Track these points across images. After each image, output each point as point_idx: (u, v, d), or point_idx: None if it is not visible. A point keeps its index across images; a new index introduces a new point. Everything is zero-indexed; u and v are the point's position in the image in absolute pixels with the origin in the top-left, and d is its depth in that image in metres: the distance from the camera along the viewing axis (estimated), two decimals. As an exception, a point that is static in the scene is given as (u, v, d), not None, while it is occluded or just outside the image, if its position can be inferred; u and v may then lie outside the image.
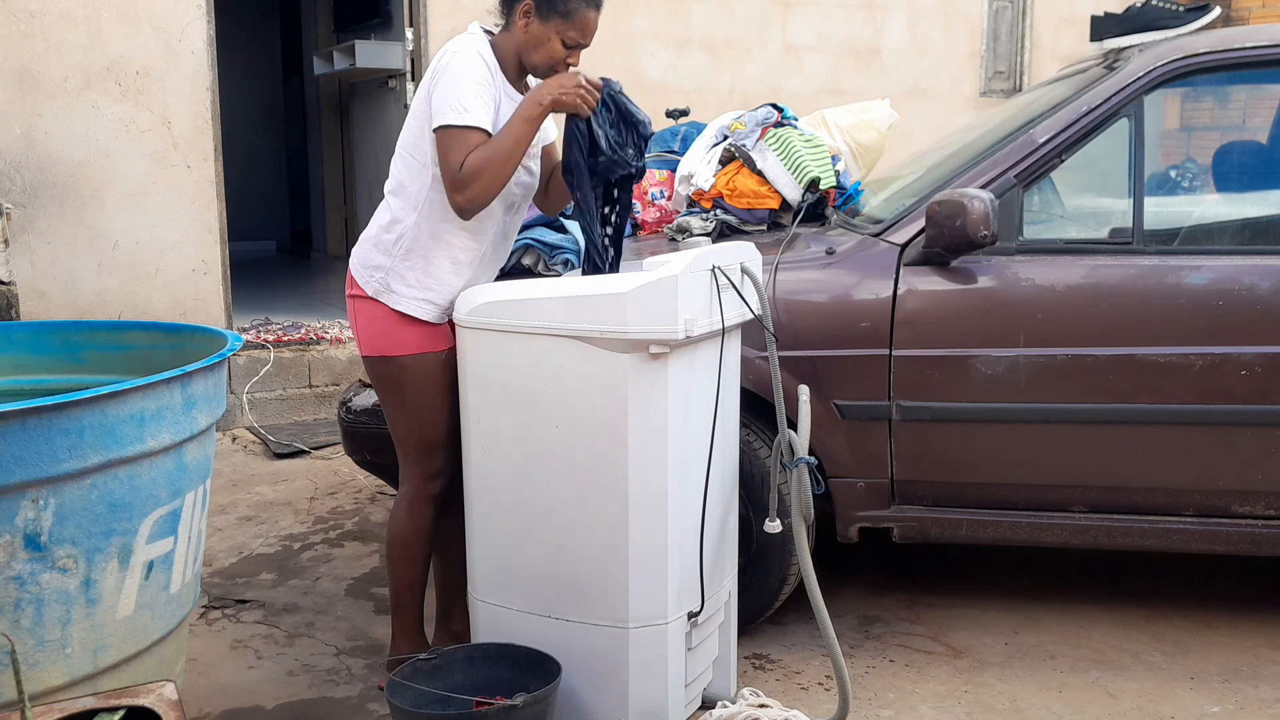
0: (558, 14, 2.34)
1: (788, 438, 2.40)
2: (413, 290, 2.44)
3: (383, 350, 2.48)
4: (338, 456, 4.58)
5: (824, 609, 2.39)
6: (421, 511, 2.55)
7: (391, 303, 2.45)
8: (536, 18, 2.35)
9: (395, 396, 2.52)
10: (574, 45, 2.38)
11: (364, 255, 2.50)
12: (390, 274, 2.45)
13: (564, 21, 2.34)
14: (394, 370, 2.48)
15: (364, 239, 2.53)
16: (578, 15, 2.34)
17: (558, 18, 2.34)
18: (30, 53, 4.65)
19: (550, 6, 2.34)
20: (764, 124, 3.47)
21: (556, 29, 2.35)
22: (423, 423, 2.50)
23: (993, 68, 7.30)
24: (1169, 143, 4.13)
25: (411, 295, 2.44)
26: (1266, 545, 2.80)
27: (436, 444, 2.52)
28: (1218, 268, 2.75)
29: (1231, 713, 2.60)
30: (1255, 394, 2.72)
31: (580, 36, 2.37)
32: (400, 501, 2.57)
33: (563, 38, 2.36)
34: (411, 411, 2.50)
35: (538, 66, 2.42)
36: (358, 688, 2.69)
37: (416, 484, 2.54)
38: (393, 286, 2.45)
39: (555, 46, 2.37)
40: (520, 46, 2.40)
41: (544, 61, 2.39)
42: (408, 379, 2.48)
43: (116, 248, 4.91)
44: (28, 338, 2.72)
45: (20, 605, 1.90)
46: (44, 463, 1.86)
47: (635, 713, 2.30)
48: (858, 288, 2.83)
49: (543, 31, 2.36)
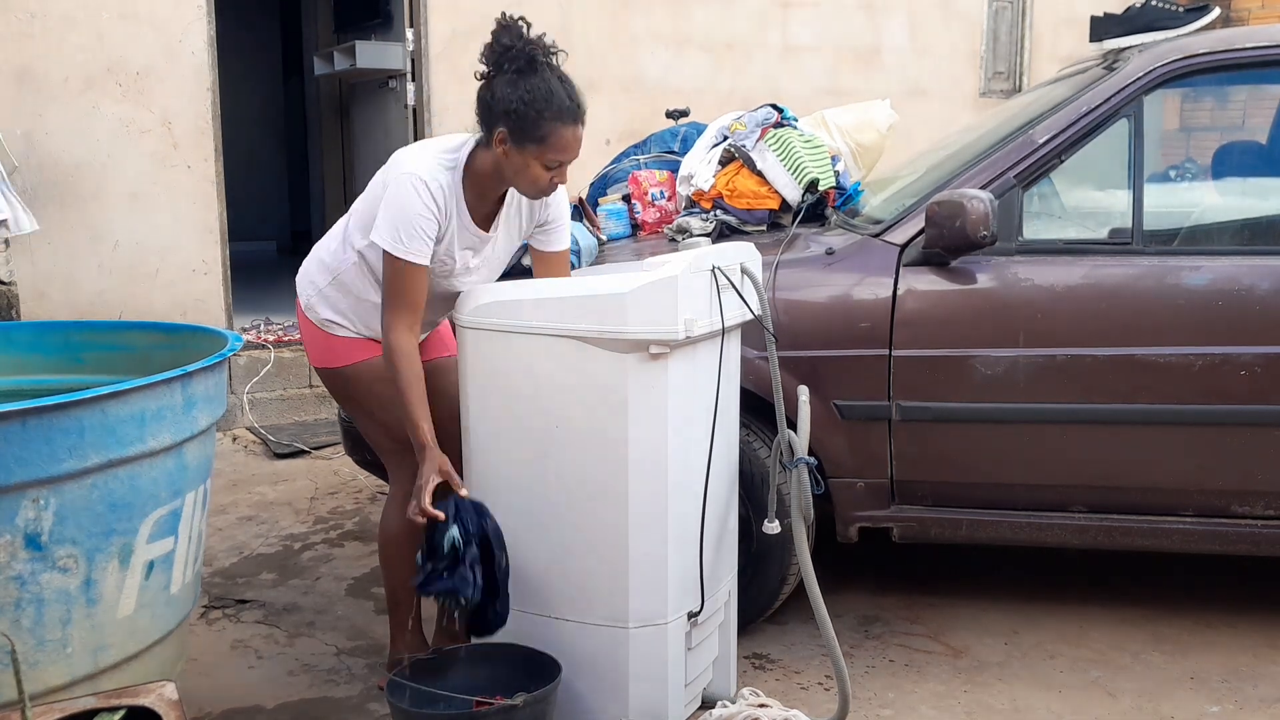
0: (533, 141, 2.21)
1: (787, 438, 2.40)
2: (335, 316, 2.49)
3: (327, 362, 2.54)
4: (338, 456, 4.59)
5: (824, 609, 2.39)
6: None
7: (315, 321, 2.51)
8: (513, 146, 2.23)
9: (352, 404, 2.58)
10: (555, 166, 2.26)
11: (305, 270, 2.55)
12: (320, 294, 2.49)
13: (540, 147, 2.22)
14: (341, 380, 2.54)
15: (312, 252, 2.57)
16: (554, 139, 2.21)
17: (533, 145, 2.22)
18: (31, 53, 4.65)
19: (524, 135, 2.21)
20: (764, 124, 3.47)
21: (534, 155, 2.23)
22: (386, 423, 2.52)
23: (992, 68, 7.30)
24: (1169, 143, 4.13)
25: (331, 319, 2.49)
26: (1266, 545, 2.81)
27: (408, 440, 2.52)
28: (1217, 268, 2.75)
29: (1231, 712, 2.60)
30: (1254, 394, 2.72)
31: (560, 156, 2.25)
32: (390, 501, 2.59)
33: (542, 162, 2.24)
34: (372, 414, 2.55)
35: (525, 191, 2.34)
36: (358, 687, 2.70)
37: (403, 481, 2.55)
38: (315, 307, 2.50)
39: (537, 171, 2.25)
40: (500, 168, 2.29)
41: (528, 187, 2.31)
42: (355, 387, 2.53)
43: (117, 248, 4.91)
44: (29, 338, 2.73)
45: (21, 605, 1.90)
46: (45, 462, 1.87)
47: (635, 712, 2.30)
48: (857, 288, 2.83)
49: (521, 159, 2.24)
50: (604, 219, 3.69)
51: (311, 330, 2.54)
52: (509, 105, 2.20)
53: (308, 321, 2.54)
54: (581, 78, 2.49)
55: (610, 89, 6.04)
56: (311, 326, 2.53)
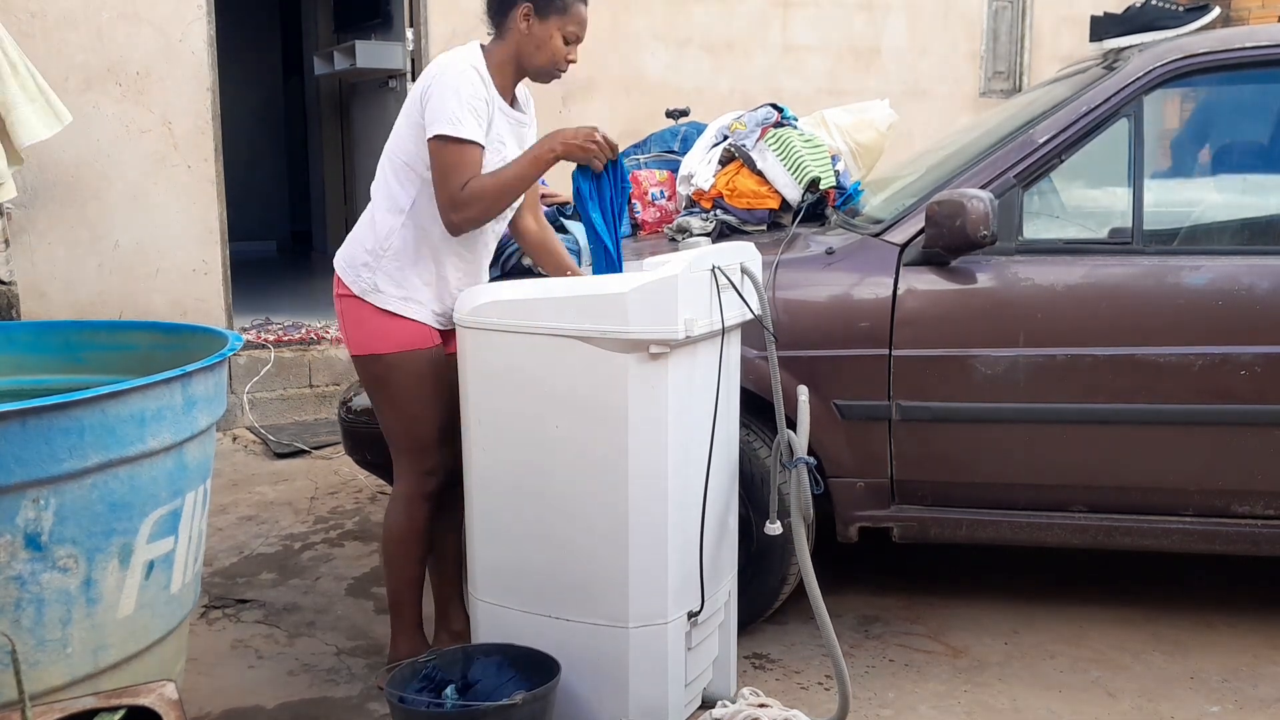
0: (555, 10, 2.40)
1: (787, 438, 2.40)
2: (400, 290, 2.47)
3: (371, 349, 2.50)
4: (338, 456, 4.58)
5: (824, 609, 2.39)
6: (417, 510, 2.55)
7: (378, 302, 2.47)
8: (536, 18, 2.40)
9: (385, 395, 2.54)
10: (573, 40, 2.44)
11: (351, 255, 2.52)
12: (377, 273, 2.47)
13: (562, 17, 2.41)
14: (382, 368, 2.50)
15: (350, 240, 2.55)
16: (574, 9, 2.42)
17: (556, 14, 2.40)
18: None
19: (548, 4, 2.39)
20: (764, 124, 3.47)
21: (557, 25, 2.41)
22: (413, 420, 2.51)
23: (992, 68, 7.30)
24: (1168, 143, 4.12)
25: (398, 295, 2.47)
26: (1266, 545, 2.81)
27: (429, 442, 2.52)
28: (1217, 268, 2.75)
29: (1231, 712, 2.60)
30: (1255, 394, 2.72)
31: (579, 30, 2.44)
32: (395, 500, 2.58)
33: (563, 33, 2.42)
34: (401, 409, 2.52)
35: (541, 67, 2.45)
36: (358, 687, 2.70)
37: (411, 482, 2.55)
38: (380, 286, 2.47)
39: (557, 44, 2.42)
40: (520, 49, 2.43)
41: (548, 61, 2.44)
42: (396, 377, 2.50)
43: (117, 248, 4.91)
44: (28, 338, 2.73)
45: (21, 605, 1.90)
46: (44, 462, 1.87)
47: (635, 712, 2.30)
48: (857, 288, 2.83)
49: (544, 30, 2.41)
50: (604, 219, 3.68)
51: (364, 314, 2.48)
52: None
53: (357, 306, 2.49)
54: (581, 77, 2.51)
55: (610, 88, 6.04)
56: (365, 309, 2.48)
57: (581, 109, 5.96)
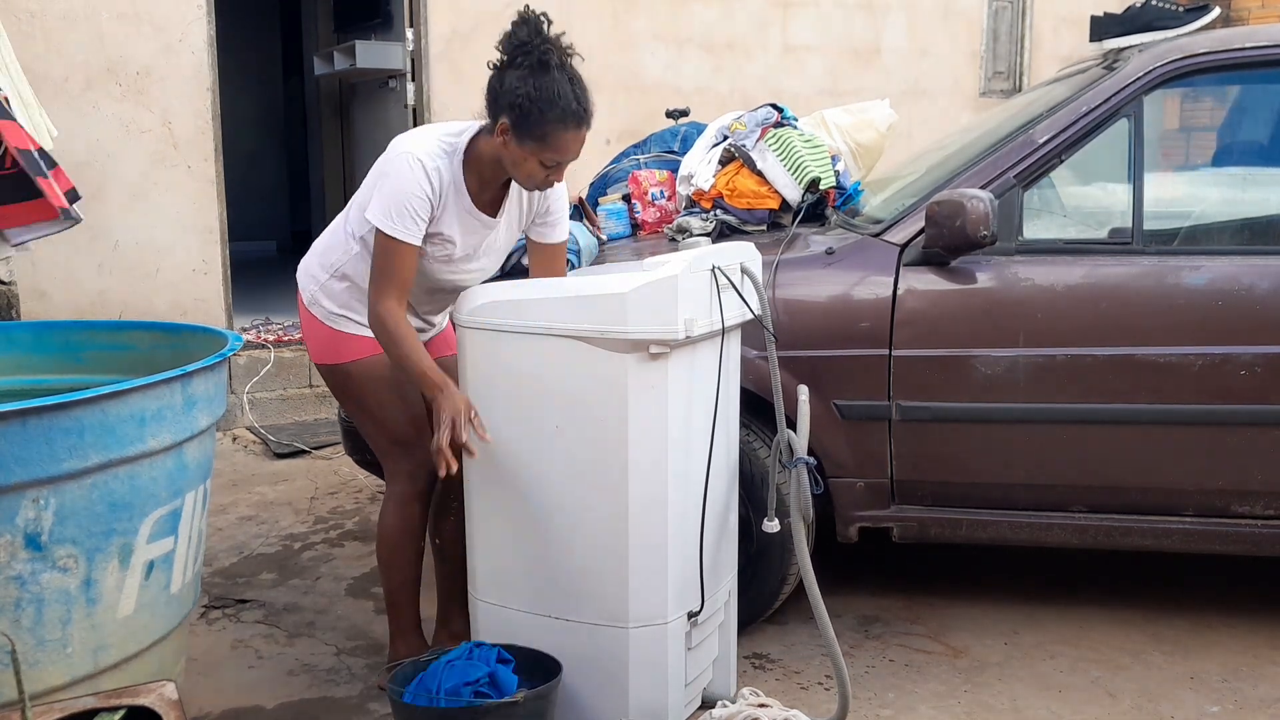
0: (532, 139, 2.22)
1: (787, 438, 2.40)
2: (338, 309, 2.49)
3: (328, 358, 2.53)
4: (338, 456, 4.59)
5: (823, 609, 2.39)
6: (408, 510, 2.56)
7: (319, 315, 2.50)
8: (513, 139, 2.24)
9: (351, 401, 2.58)
10: (552, 165, 2.28)
11: (306, 265, 2.56)
12: (322, 289, 2.49)
13: (539, 145, 2.23)
14: (341, 377, 2.54)
15: (312, 248, 2.57)
16: (554, 139, 2.23)
17: (533, 142, 2.23)
18: (31, 53, 4.64)
19: (526, 131, 2.22)
20: (764, 124, 3.47)
21: (533, 151, 2.24)
22: (384, 422, 2.53)
23: (992, 68, 7.29)
24: (1168, 143, 4.13)
25: (336, 312, 2.49)
26: (1266, 545, 2.81)
27: (406, 441, 2.53)
28: (1217, 268, 2.75)
29: (1231, 713, 2.60)
30: (1254, 394, 2.72)
31: (558, 156, 2.26)
32: (387, 501, 2.59)
33: (540, 159, 2.26)
34: (370, 413, 2.55)
35: (522, 182, 2.35)
36: (358, 687, 2.70)
37: (400, 482, 2.56)
38: (320, 300, 2.50)
39: (533, 167, 2.27)
40: (500, 157, 2.31)
41: (525, 180, 2.32)
42: (355, 384, 2.52)
43: (117, 248, 4.91)
44: (29, 338, 2.73)
45: (21, 605, 1.90)
46: (45, 462, 1.87)
47: (635, 712, 2.30)
48: (857, 288, 2.83)
49: (520, 153, 2.25)
50: (604, 219, 3.69)
51: (314, 325, 2.54)
52: (515, 99, 2.20)
53: (310, 316, 2.54)
54: (582, 78, 2.48)
55: (610, 89, 6.03)
56: (314, 321, 2.53)
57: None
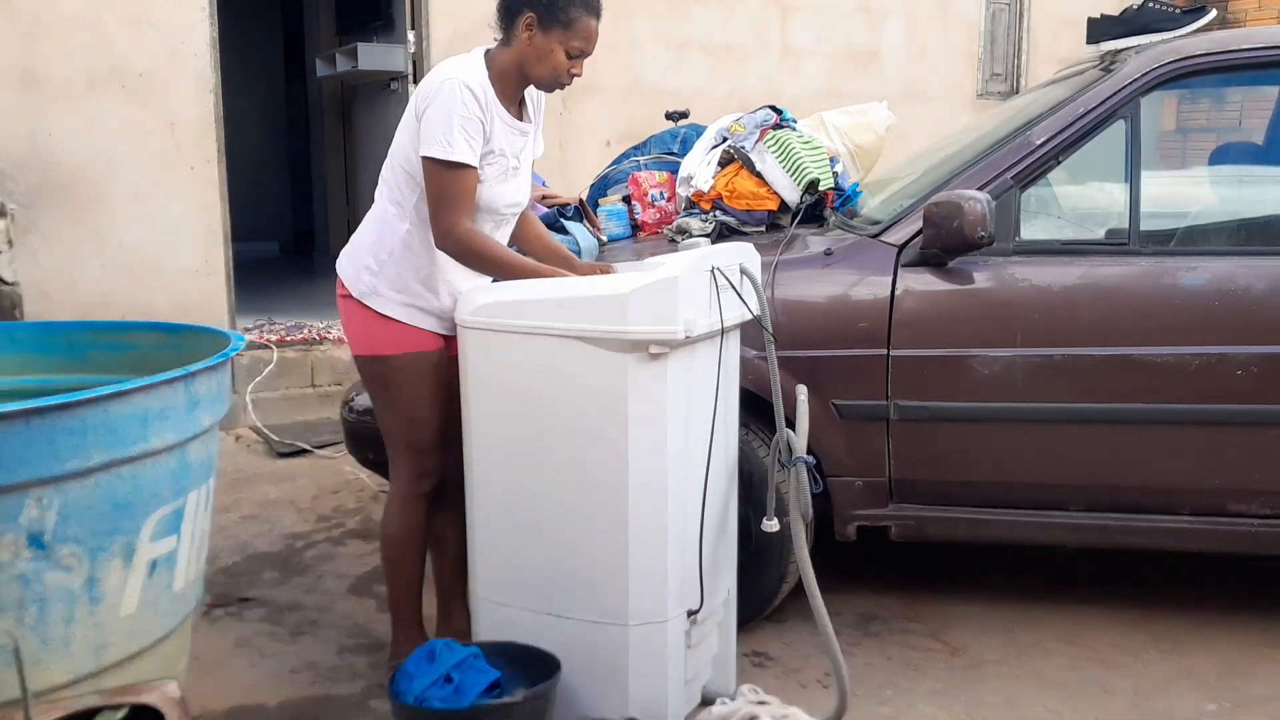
0: (559, 24, 2.35)
1: (786, 437, 2.42)
2: (401, 296, 2.47)
3: (374, 350, 2.51)
4: (340, 455, 4.59)
5: (822, 607, 2.40)
6: (414, 510, 2.57)
7: (377, 306, 2.47)
8: (539, 30, 2.36)
9: (385, 395, 2.55)
10: (577, 55, 2.40)
11: (353, 258, 2.53)
12: (378, 278, 2.47)
13: (566, 31, 2.36)
14: (385, 370, 2.51)
15: (353, 242, 2.56)
16: (579, 24, 2.36)
17: (560, 28, 2.35)
18: (35, 55, 4.66)
19: (552, 18, 2.35)
20: (763, 126, 3.49)
21: (559, 39, 2.36)
22: (412, 421, 2.52)
23: (990, 70, 7.31)
24: (1165, 144, 4.14)
25: (398, 300, 2.47)
26: (1263, 544, 2.82)
27: (427, 444, 2.54)
28: (1213, 268, 2.76)
29: (1228, 710, 2.61)
30: (1251, 394, 2.73)
31: (584, 45, 2.39)
32: (392, 501, 2.59)
33: (565, 48, 2.37)
34: (401, 410, 2.53)
35: (543, 78, 2.44)
36: (360, 685, 2.71)
37: (407, 482, 2.56)
38: (380, 290, 2.47)
39: (559, 57, 2.38)
40: (523, 59, 2.40)
41: (549, 73, 2.41)
42: (398, 378, 2.50)
43: (120, 249, 4.92)
44: (32, 338, 2.74)
45: (24, 604, 1.91)
46: (48, 462, 1.88)
47: (635, 709, 2.31)
48: (856, 288, 2.84)
49: (545, 43, 2.37)
50: (604, 220, 3.71)
51: (366, 316, 2.49)
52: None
53: (360, 308, 2.49)
54: (581, 80, 2.51)
55: (610, 91, 6.05)
56: (364, 313, 2.49)
57: (581, 111, 5.98)
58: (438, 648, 2.26)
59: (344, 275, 2.53)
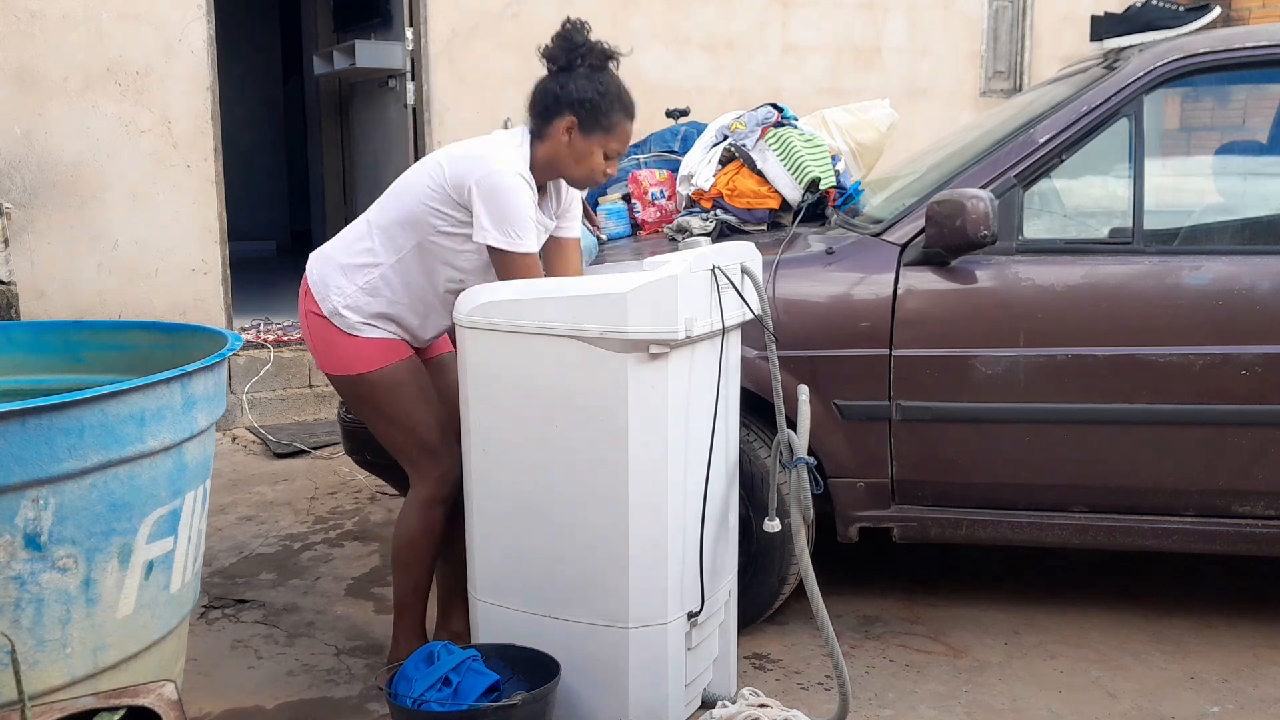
0: (601, 129, 2.40)
1: (787, 437, 2.40)
2: (363, 318, 2.46)
3: (347, 369, 2.49)
4: (338, 456, 4.59)
5: (823, 609, 2.39)
6: (432, 514, 2.55)
7: (343, 326, 2.46)
8: (579, 133, 2.40)
9: (375, 411, 2.53)
10: (614, 156, 2.45)
11: (324, 272, 2.50)
12: (348, 298, 2.45)
13: (606, 135, 2.41)
14: (365, 388, 2.50)
15: (329, 256, 2.52)
16: (619, 129, 2.42)
17: (601, 132, 2.40)
18: (31, 52, 4.65)
19: (594, 123, 2.39)
20: (764, 124, 3.47)
21: (599, 143, 2.41)
22: (412, 428, 2.51)
23: (993, 67, 7.29)
24: (1169, 143, 4.13)
25: (362, 321, 2.46)
26: (1266, 545, 2.80)
27: (435, 444, 2.52)
28: (1217, 268, 2.75)
29: (1232, 713, 2.60)
30: (1255, 394, 2.72)
31: (621, 148, 2.45)
32: (411, 505, 2.56)
33: (605, 150, 2.42)
34: (397, 421, 2.51)
35: (578, 178, 2.48)
36: (358, 687, 2.69)
37: (429, 487, 2.54)
38: (342, 312, 2.46)
39: (598, 159, 2.43)
40: (559, 158, 2.43)
41: (585, 174, 2.46)
42: (379, 394, 2.49)
43: (117, 248, 4.91)
44: (28, 337, 2.72)
45: (20, 605, 1.90)
46: (44, 462, 1.86)
47: (635, 712, 2.30)
48: (858, 287, 2.83)
49: (586, 146, 2.41)
50: (604, 218, 3.69)
51: (333, 336, 2.47)
52: (584, 95, 2.38)
53: (330, 328, 2.47)
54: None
55: (610, 88, 6.03)
56: (334, 333, 2.47)
57: (581, 109, 5.96)
58: (436, 650, 2.24)
59: (314, 288, 2.50)
